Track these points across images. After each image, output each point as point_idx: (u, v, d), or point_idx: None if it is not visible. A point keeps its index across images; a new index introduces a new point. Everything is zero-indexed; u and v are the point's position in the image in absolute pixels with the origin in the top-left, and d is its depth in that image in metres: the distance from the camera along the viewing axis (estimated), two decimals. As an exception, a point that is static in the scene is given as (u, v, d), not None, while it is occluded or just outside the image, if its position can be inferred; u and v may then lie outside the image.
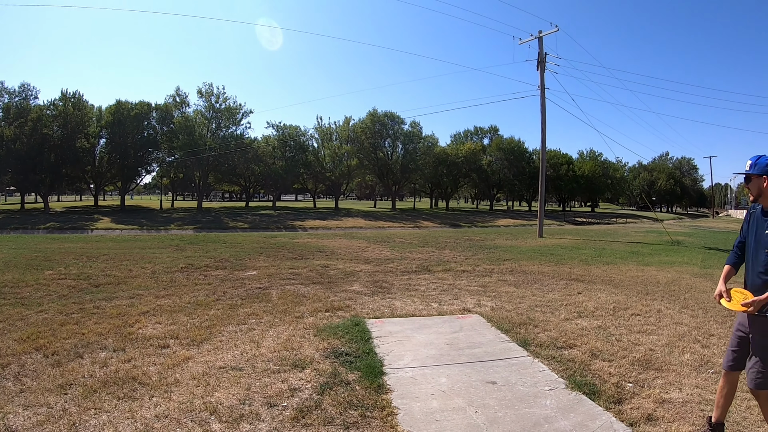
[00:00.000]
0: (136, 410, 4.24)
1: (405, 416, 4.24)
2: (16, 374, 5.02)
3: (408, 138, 63.61)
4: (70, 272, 11.49)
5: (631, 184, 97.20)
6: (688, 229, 41.37)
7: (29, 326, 6.81)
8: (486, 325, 7.35)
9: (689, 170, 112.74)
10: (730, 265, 4.05)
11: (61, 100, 46.60)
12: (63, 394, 4.57)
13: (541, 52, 28.54)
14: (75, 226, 34.48)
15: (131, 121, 49.45)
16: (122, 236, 26.78)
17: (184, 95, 54.22)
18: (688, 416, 4.36)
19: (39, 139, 43.53)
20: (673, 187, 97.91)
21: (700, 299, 9.68)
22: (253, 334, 6.63)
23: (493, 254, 17.69)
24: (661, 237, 28.02)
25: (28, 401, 4.38)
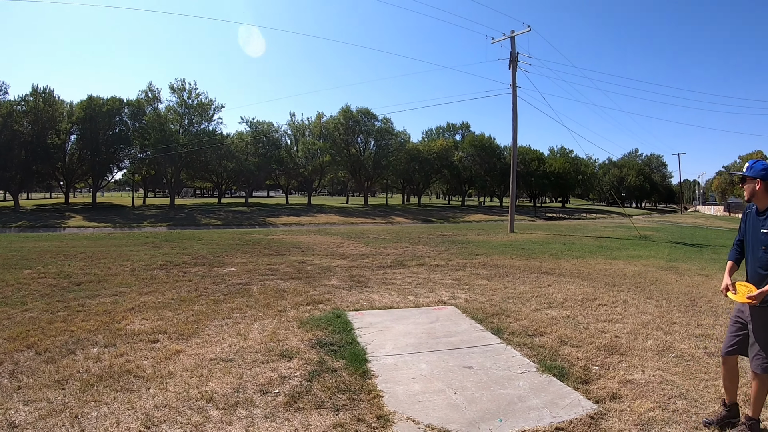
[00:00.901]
0: (135, 401, 4.44)
1: (390, 398, 4.58)
2: (11, 372, 5.11)
3: (380, 134, 63.84)
4: (50, 271, 11.44)
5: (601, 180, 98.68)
6: (656, 224, 42.25)
7: (17, 325, 6.85)
8: (461, 316, 7.73)
9: (658, 167, 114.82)
10: (732, 261, 4.38)
11: (31, 96, 45.69)
12: (61, 389, 4.71)
13: (513, 51, 29.02)
14: (47, 225, 34.03)
15: (103, 116, 48.74)
16: (96, 234, 26.45)
17: (156, 91, 53.77)
18: (650, 395, 4.76)
19: (9, 135, 42.73)
20: (643, 183, 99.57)
21: (665, 290, 10.14)
22: (239, 328, 6.87)
23: (466, 249, 18.06)
24: (629, 232, 28.66)
25: (27, 397, 4.50)
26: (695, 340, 6.63)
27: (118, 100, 51.36)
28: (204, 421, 4.12)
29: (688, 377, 5.26)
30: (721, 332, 6.95)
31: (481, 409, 4.38)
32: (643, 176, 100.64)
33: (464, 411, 4.34)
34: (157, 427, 3.99)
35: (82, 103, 49.52)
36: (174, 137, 50.59)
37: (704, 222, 50.03)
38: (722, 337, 6.61)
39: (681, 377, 5.25)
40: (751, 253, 4.08)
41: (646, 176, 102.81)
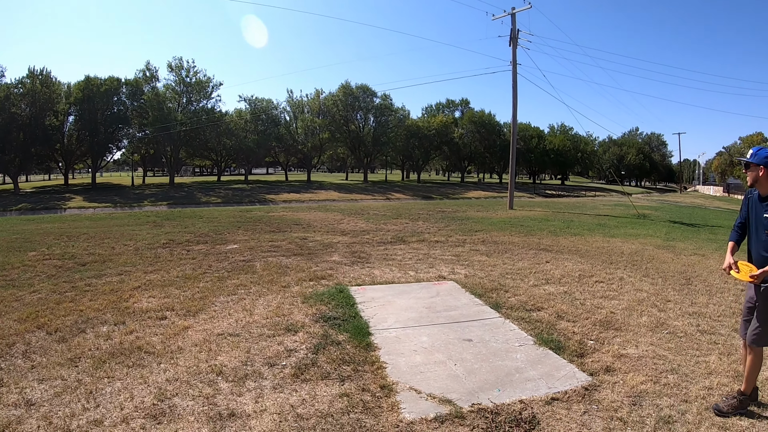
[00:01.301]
0: (147, 376, 4.61)
1: (393, 369, 4.77)
2: (23, 352, 5.23)
3: (380, 111, 63.76)
4: (54, 252, 11.49)
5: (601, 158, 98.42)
6: (655, 203, 42.27)
7: (26, 306, 6.95)
8: (461, 291, 7.92)
9: (658, 146, 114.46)
10: (734, 242, 4.52)
11: (28, 78, 45.61)
12: (74, 366, 4.85)
13: (513, 28, 28.88)
14: (47, 206, 34.11)
15: (101, 97, 48.63)
16: (97, 214, 26.45)
17: (154, 69, 53.62)
18: (642, 368, 4.94)
19: (7, 118, 42.70)
20: (643, 162, 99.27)
21: (661, 269, 10.30)
22: (244, 303, 7.05)
23: (465, 225, 18.22)
24: (628, 210, 28.73)
25: (42, 376, 4.64)
26: (689, 318, 6.79)
27: (116, 80, 51.14)
28: (215, 393, 4.29)
29: (680, 353, 5.42)
30: (715, 311, 7.15)
31: (480, 380, 4.57)
32: (643, 155, 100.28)
33: (464, 381, 4.53)
34: (170, 400, 4.16)
35: (79, 83, 49.31)
36: (173, 116, 50.52)
37: (703, 202, 50.05)
38: (715, 316, 6.85)
39: (673, 353, 5.42)
40: (755, 236, 4.23)
41: (646, 155, 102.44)
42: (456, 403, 4.13)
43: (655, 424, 3.87)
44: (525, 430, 3.75)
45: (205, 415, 3.92)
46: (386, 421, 3.87)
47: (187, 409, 4.03)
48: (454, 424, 3.83)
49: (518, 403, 4.17)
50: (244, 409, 4.04)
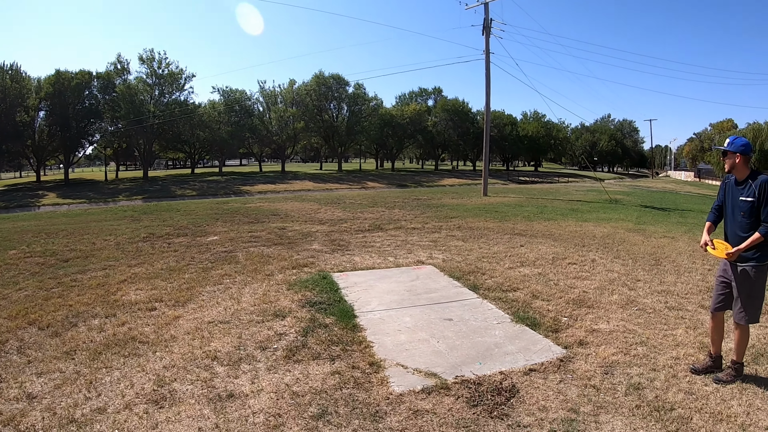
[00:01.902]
0: (144, 364, 4.81)
1: (379, 348, 5.05)
2: (18, 348, 5.32)
3: (353, 100, 63.65)
4: (35, 250, 11.48)
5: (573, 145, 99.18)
6: (627, 188, 42.87)
7: (14, 304, 7.01)
8: (439, 274, 8.24)
9: (630, 132, 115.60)
10: (711, 222, 4.84)
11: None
12: (71, 359, 5.00)
13: (486, 18, 29.17)
14: (21, 204, 33.52)
15: (72, 91, 47.71)
16: (72, 210, 26.23)
17: (125, 62, 52.64)
18: (613, 342, 5.29)
19: (-24, 115, 41.95)
20: (615, 148, 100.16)
21: (632, 251, 10.68)
22: (231, 292, 7.26)
23: (441, 212, 18.54)
24: (600, 196, 29.25)
25: (40, 370, 4.77)
26: (657, 296, 7.15)
27: (87, 74, 50.21)
28: (212, 376, 4.52)
29: (648, 327, 5.77)
30: (683, 289, 7.53)
31: (463, 355, 4.87)
32: (615, 141, 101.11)
33: (447, 356, 4.83)
34: (169, 385, 4.37)
35: (50, 78, 48.22)
36: (145, 108, 49.91)
37: (674, 187, 50.92)
38: (683, 293, 7.23)
39: (642, 327, 5.76)
40: (731, 218, 4.58)
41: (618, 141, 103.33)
42: (441, 376, 4.42)
43: (626, 390, 4.20)
44: (506, 398, 4.06)
45: (205, 397, 4.14)
46: (377, 394, 4.15)
47: (187, 392, 4.24)
48: (440, 395, 4.12)
49: (498, 374, 4.48)
50: (242, 389, 4.27)
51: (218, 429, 3.68)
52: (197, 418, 3.84)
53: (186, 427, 3.71)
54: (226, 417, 3.84)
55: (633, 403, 3.99)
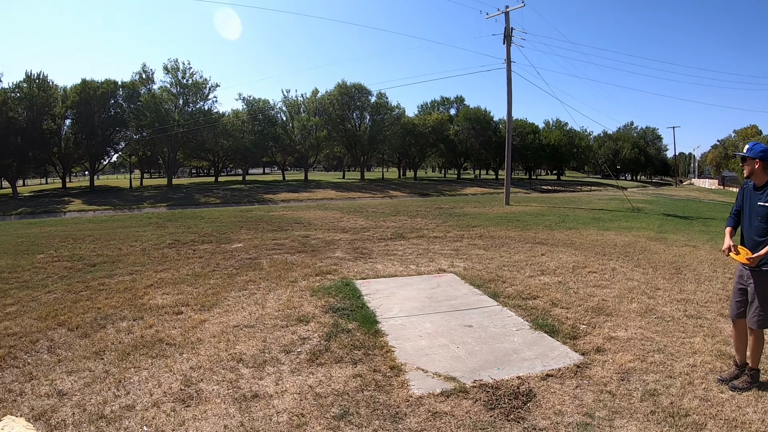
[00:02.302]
0: (172, 365, 4.97)
1: (400, 352, 5.17)
2: (48, 348, 5.53)
3: (375, 109, 63.82)
4: (62, 254, 11.73)
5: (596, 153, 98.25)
6: (649, 196, 42.48)
7: (44, 306, 7.25)
8: (460, 282, 8.32)
9: (653, 139, 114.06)
10: (731, 227, 4.88)
11: (25, 82, 45.55)
12: (100, 359, 5.17)
13: (507, 26, 29.16)
14: (47, 210, 34.07)
15: (97, 100, 48.50)
16: (98, 217, 26.56)
17: (150, 72, 53.49)
18: (631, 349, 5.33)
19: (4, 123, 42.57)
20: (638, 156, 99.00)
21: (652, 259, 10.65)
22: (255, 298, 7.42)
23: (463, 221, 18.56)
24: (622, 204, 28.98)
25: (70, 368, 4.95)
26: (677, 304, 7.15)
27: (113, 83, 51.02)
28: (237, 378, 4.67)
29: (666, 335, 5.79)
30: (702, 297, 7.52)
31: (481, 360, 4.96)
32: (638, 149, 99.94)
33: (466, 361, 4.93)
34: (196, 385, 4.52)
35: (76, 87, 49.09)
36: (170, 117, 50.58)
37: (698, 195, 50.29)
38: (702, 302, 7.23)
39: (660, 335, 5.79)
40: (748, 223, 4.61)
41: (641, 149, 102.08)
42: (460, 380, 4.52)
43: (642, 396, 4.26)
44: (522, 402, 4.14)
45: (230, 397, 4.28)
46: (397, 396, 4.27)
47: (213, 392, 4.39)
48: (459, 398, 4.22)
49: (516, 379, 4.56)
50: (267, 390, 4.41)
51: (243, 427, 3.81)
52: (223, 416, 3.98)
53: (212, 425, 3.85)
54: (250, 416, 3.98)
55: (648, 408, 4.05)
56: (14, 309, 7.19)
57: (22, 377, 4.80)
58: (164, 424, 3.88)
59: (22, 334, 6.03)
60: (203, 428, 3.81)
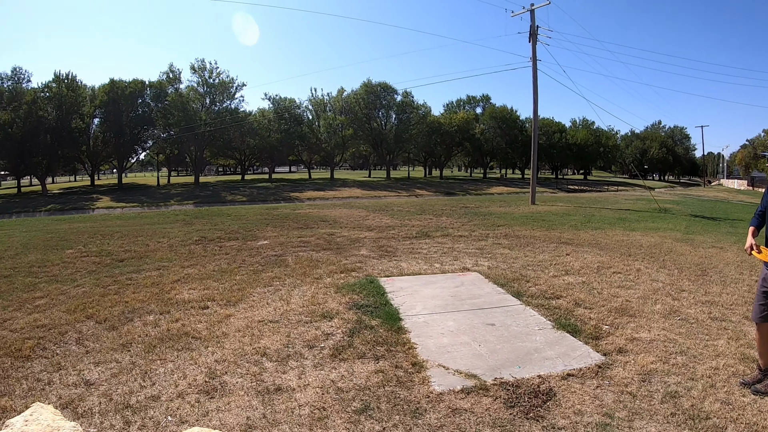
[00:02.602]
0: (197, 358, 5.08)
1: (422, 349, 5.21)
2: (77, 339, 5.70)
3: (401, 108, 63.73)
4: (91, 250, 11.99)
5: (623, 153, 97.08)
6: (677, 197, 41.89)
7: (72, 299, 7.45)
8: (484, 281, 8.33)
9: (681, 139, 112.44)
10: (754, 227, 4.84)
11: (54, 82, 46.41)
12: (126, 351, 5.31)
13: (533, 24, 29.04)
14: (76, 207, 34.61)
15: (125, 99, 49.22)
16: (126, 214, 27.11)
17: (177, 72, 54.11)
18: (653, 350, 5.29)
19: (34, 122, 43.42)
20: (666, 156, 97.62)
21: (678, 261, 10.52)
22: (280, 294, 7.52)
23: (488, 220, 18.53)
24: (649, 205, 28.62)
25: (97, 360, 5.10)
26: (701, 306, 7.06)
27: (140, 83, 51.70)
28: (261, 371, 4.75)
29: (690, 337, 5.73)
30: (727, 300, 7.42)
31: (502, 358, 4.98)
32: (666, 148, 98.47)
33: (487, 359, 4.95)
34: (220, 378, 4.62)
35: (104, 87, 49.86)
36: (197, 116, 51.12)
37: (726, 196, 49.45)
38: (727, 304, 7.14)
39: (683, 337, 5.73)
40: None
41: (669, 148, 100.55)
42: (480, 378, 4.55)
43: (662, 398, 4.23)
44: (543, 400, 4.16)
45: (254, 390, 4.37)
46: (418, 392, 4.31)
47: (237, 385, 4.48)
48: (479, 395, 4.25)
49: (537, 378, 4.57)
50: (289, 384, 4.49)
51: (265, 419, 3.89)
52: (246, 408, 4.06)
53: (235, 416, 3.93)
54: (273, 408, 4.05)
55: (668, 410, 4.03)
56: (44, 302, 7.39)
57: (51, 367, 4.95)
58: (188, 414, 3.98)
59: (51, 326, 6.20)
60: (226, 419, 3.89)
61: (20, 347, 5.45)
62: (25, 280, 8.83)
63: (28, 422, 1.97)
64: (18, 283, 8.60)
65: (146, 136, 56.07)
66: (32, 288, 8.25)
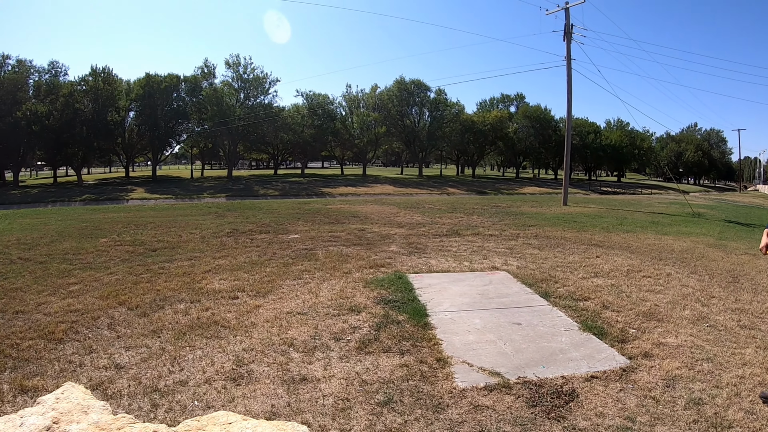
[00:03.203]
0: (225, 346, 5.20)
1: (448, 345, 5.25)
2: (108, 324, 5.89)
3: (434, 105, 63.56)
4: (124, 239, 12.28)
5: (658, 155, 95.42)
6: (711, 202, 41.22)
7: (105, 286, 7.67)
8: (512, 280, 8.32)
9: (718, 142, 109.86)
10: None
11: (91, 76, 47.43)
12: (157, 337, 5.47)
13: (567, 23, 28.77)
14: (110, 197, 35.26)
15: (161, 93, 50.05)
16: (159, 205, 27.57)
17: (212, 67, 54.80)
18: (679, 356, 5.24)
19: (71, 114, 44.50)
20: (701, 159, 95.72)
21: (709, 267, 10.35)
22: (309, 287, 7.62)
23: (519, 220, 18.47)
24: (683, 209, 28.13)
25: (128, 344, 5.27)
26: (730, 313, 6.95)
27: (175, 77, 52.49)
28: (287, 361, 4.84)
29: (717, 344, 5.65)
30: (758, 308, 7.28)
31: (527, 358, 4.99)
32: (701, 152, 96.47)
33: (512, 358, 4.97)
34: (247, 366, 4.72)
35: (140, 81, 50.83)
36: (231, 111, 51.70)
37: (762, 202, 48.25)
38: (758, 312, 7.04)
39: (711, 344, 5.65)
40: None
41: (705, 152, 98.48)
42: (504, 376, 4.57)
43: (686, 405, 4.20)
44: (565, 401, 4.16)
45: (279, 379, 4.46)
46: (441, 388, 4.35)
47: (263, 373, 4.58)
48: (502, 393, 4.27)
49: (560, 378, 4.58)
50: (315, 374, 4.57)
51: (290, 407, 3.98)
52: (271, 396, 4.16)
53: (260, 404, 4.03)
54: (297, 397, 4.14)
55: (691, 417, 4.00)
56: (77, 288, 7.62)
57: (83, 350, 5.13)
58: (214, 400, 4.09)
59: (84, 311, 6.40)
60: (251, 406, 3.99)
61: (53, 330, 5.64)
62: (60, 267, 9.08)
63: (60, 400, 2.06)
64: (53, 270, 8.85)
65: (180, 130, 57.00)
66: (66, 274, 8.49)
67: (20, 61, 45.98)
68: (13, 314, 6.34)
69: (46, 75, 47.72)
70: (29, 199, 34.51)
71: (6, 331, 5.68)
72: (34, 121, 42.96)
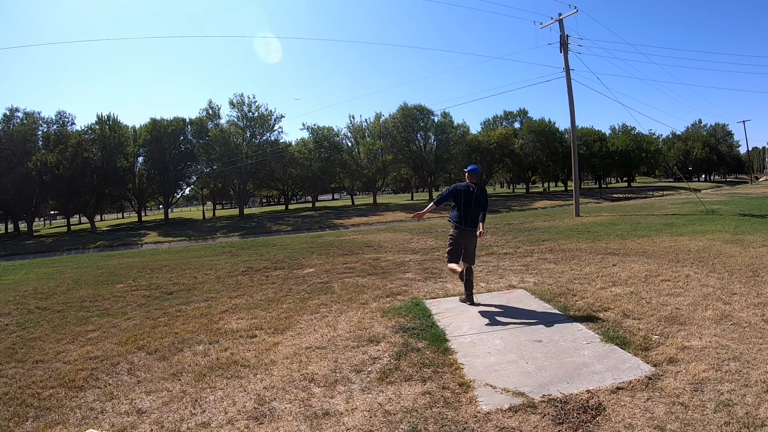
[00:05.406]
0: (246, 385, 5.17)
1: (470, 369, 5.20)
2: (128, 370, 5.91)
3: (439, 128, 64.01)
4: (140, 284, 12.30)
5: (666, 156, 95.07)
6: (724, 197, 40.95)
7: (123, 331, 7.70)
8: (530, 297, 8.25)
9: (724, 136, 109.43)
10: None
11: (97, 124, 48.43)
12: (177, 380, 5.47)
13: (562, 34, 28.83)
14: (124, 243, 35.61)
15: (168, 137, 50.87)
16: (173, 248, 27.61)
17: (216, 107, 55.69)
18: (705, 358, 5.16)
19: (81, 162, 45.28)
20: (709, 155, 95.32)
21: (728, 263, 10.24)
22: (327, 320, 7.58)
23: (533, 236, 18.37)
24: (696, 207, 27.93)
25: (148, 389, 5.27)
26: (753, 309, 6.86)
27: (181, 120, 53.34)
28: (309, 396, 4.81)
29: (743, 342, 5.57)
30: (781, 300, 7.21)
31: (550, 375, 4.94)
32: (709, 148, 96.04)
33: (535, 377, 4.91)
34: (269, 404, 4.70)
35: (146, 126, 51.82)
36: (238, 150, 52.26)
37: (775, 191, 48.12)
38: (781, 306, 6.91)
39: (736, 342, 5.57)
40: None
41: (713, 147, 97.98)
42: (528, 395, 4.52)
43: (715, 407, 4.12)
44: (592, 416, 4.10)
45: (302, 415, 4.43)
46: (465, 412, 4.31)
47: (285, 410, 4.55)
48: (527, 413, 4.22)
49: (585, 392, 4.52)
50: (337, 408, 4.53)
51: (314, 443, 3.94)
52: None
53: (284, 441, 3.99)
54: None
55: (722, 419, 3.93)
56: (96, 335, 7.65)
57: (104, 396, 5.14)
58: (238, 440, 4.06)
59: (104, 357, 6.43)
60: (276, 445, 3.96)
61: (74, 378, 5.67)
62: (78, 314, 9.13)
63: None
64: (71, 317, 8.91)
65: (190, 172, 57.63)
66: (84, 322, 8.53)
67: (28, 114, 47.06)
68: (33, 364, 6.39)
69: (54, 125, 48.83)
70: (44, 248, 34.94)
71: (27, 381, 5.72)
72: (44, 171, 43.78)
